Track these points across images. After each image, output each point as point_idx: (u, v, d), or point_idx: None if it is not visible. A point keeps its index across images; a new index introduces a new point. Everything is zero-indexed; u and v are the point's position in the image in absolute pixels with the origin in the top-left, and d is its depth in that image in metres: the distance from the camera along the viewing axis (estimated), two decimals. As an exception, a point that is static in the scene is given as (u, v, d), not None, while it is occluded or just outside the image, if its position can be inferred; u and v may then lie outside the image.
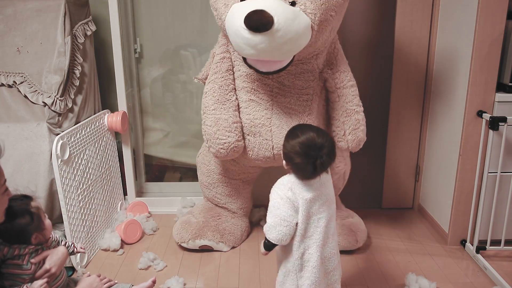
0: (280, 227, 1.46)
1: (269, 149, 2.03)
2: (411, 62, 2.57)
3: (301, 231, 1.49)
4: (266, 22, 1.56)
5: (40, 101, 2.08)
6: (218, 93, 2.01)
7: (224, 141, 1.96)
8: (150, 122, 2.87)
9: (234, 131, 1.98)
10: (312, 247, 1.51)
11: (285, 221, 1.46)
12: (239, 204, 2.41)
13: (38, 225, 1.41)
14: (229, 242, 2.34)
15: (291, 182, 1.49)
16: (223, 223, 2.36)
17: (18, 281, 1.35)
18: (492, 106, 2.15)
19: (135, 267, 2.16)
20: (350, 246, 2.25)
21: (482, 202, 2.19)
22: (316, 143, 1.43)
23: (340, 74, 2.00)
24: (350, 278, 2.08)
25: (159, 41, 2.71)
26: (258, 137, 2.02)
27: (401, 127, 2.68)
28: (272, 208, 1.49)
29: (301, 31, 1.69)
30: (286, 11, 1.63)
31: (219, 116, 1.99)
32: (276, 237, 1.47)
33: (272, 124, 2.00)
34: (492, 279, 2.06)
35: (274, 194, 1.50)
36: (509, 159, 2.17)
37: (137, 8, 2.66)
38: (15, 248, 1.36)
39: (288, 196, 1.46)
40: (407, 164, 2.75)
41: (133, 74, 2.74)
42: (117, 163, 2.68)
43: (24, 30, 2.15)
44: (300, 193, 1.47)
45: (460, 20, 2.23)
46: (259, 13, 1.57)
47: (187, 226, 2.30)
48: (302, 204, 1.46)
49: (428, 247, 2.37)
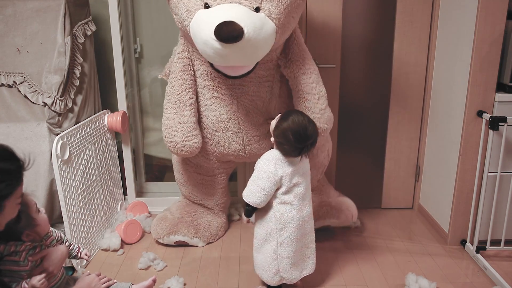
0: (259, 194, 1.75)
1: (239, 141, 2.11)
2: (411, 62, 2.57)
3: (281, 196, 1.78)
4: (237, 35, 1.61)
5: (40, 101, 2.08)
6: (171, 93, 2.07)
7: (170, 140, 2.04)
8: (150, 122, 2.87)
9: (180, 131, 2.02)
10: (292, 211, 1.79)
11: (264, 190, 1.75)
12: (215, 200, 2.44)
13: (28, 222, 1.38)
14: (204, 237, 2.36)
15: (275, 158, 1.77)
16: (198, 218, 2.39)
17: (16, 277, 1.35)
18: (492, 106, 2.15)
19: (135, 267, 2.16)
20: (347, 221, 2.36)
21: (482, 202, 2.19)
22: (306, 134, 1.71)
23: (292, 63, 2.01)
24: (350, 278, 2.08)
25: (159, 41, 2.71)
26: (226, 131, 2.09)
27: (401, 127, 2.68)
28: (256, 178, 1.77)
29: (268, 37, 1.75)
30: (253, 19, 1.67)
31: (168, 116, 2.06)
32: (255, 201, 1.76)
33: (240, 116, 2.07)
34: (492, 279, 2.06)
35: (259, 166, 1.79)
36: (509, 159, 2.17)
37: (137, 8, 2.66)
38: (11, 245, 1.35)
39: (270, 171, 1.75)
40: (407, 164, 2.75)
41: (133, 74, 2.74)
42: (117, 163, 2.68)
43: (24, 30, 2.15)
44: (282, 167, 1.76)
45: (460, 20, 2.23)
46: (229, 25, 1.60)
47: (162, 222, 2.35)
48: (284, 177, 1.75)
49: (428, 247, 2.37)
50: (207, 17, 1.70)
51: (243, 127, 2.09)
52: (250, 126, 2.11)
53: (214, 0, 1.73)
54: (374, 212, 2.76)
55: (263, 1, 1.73)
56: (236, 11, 1.66)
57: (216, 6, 1.72)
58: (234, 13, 1.65)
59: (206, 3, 1.74)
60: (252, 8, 1.71)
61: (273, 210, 1.81)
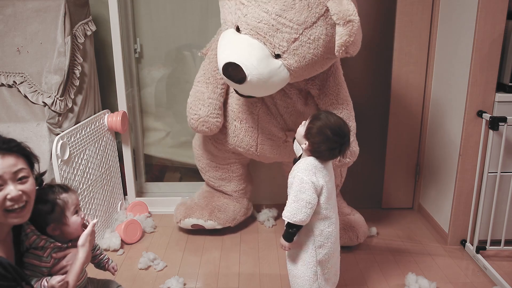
0: (305, 209, 1.55)
1: (254, 137, 2.10)
2: (411, 62, 2.57)
3: (322, 210, 1.61)
4: (238, 79, 1.65)
5: (40, 101, 2.08)
6: (207, 68, 2.09)
7: (195, 113, 2.05)
8: (150, 122, 2.87)
9: (207, 106, 2.04)
10: (331, 225, 1.65)
11: (310, 204, 1.56)
12: (233, 187, 2.46)
13: (59, 217, 1.39)
14: (219, 220, 2.38)
15: (313, 167, 1.58)
16: (214, 202, 2.43)
17: (37, 272, 1.35)
18: (492, 106, 2.15)
19: (135, 267, 2.16)
20: (350, 242, 2.27)
21: (482, 202, 2.19)
22: (343, 130, 1.57)
23: (325, 96, 2.00)
24: (350, 278, 2.08)
25: (159, 41, 2.71)
26: (244, 123, 2.09)
27: (401, 127, 2.68)
28: (298, 192, 1.56)
29: (277, 83, 1.74)
30: (261, 70, 1.64)
31: (198, 89, 2.07)
32: (302, 218, 1.56)
33: (260, 113, 2.06)
34: (492, 279, 2.06)
35: (298, 179, 1.57)
36: (509, 159, 2.17)
37: (137, 8, 2.66)
38: (42, 238, 1.36)
39: (312, 181, 1.56)
40: (407, 164, 2.75)
41: (133, 74, 2.74)
42: (117, 163, 2.68)
43: (24, 30, 2.15)
44: (323, 176, 1.59)
45: (460, 20, 2.23)
46: (235, 68, 1.63)
47: (181, 206, 2.45)
48: (324, 187, 1.59)
49: (428, 247, 2.37)
50: (225, 46, 1.72)
51: (260, 124, 2.08)
52: (267, 125, 2.10)
53: (244, 28, 1.69)
54: (374, 212, 2.76)
55: (286, 52, 1.67)
56: (249, 56, 1.64)
57: (243, 35, 1.69)
58: (246, 57, 1.64)
59: (238, 26, 1.73)
60: (272, 53, 1.67)
61: (311, 226, 1.63)
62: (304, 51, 1.67)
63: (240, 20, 1.70)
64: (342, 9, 1.56)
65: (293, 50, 1.66)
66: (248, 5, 1.68)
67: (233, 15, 1.74)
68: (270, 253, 2.31)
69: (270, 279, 2.08)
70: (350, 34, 1.58)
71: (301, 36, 1.65)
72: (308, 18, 1.63)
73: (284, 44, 1.65)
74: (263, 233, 2.52)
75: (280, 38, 1.64)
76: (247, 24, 1.68)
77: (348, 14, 1.56)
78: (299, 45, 1.66)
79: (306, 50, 1.67)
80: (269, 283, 2.05)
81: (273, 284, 2.05)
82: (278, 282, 2.06)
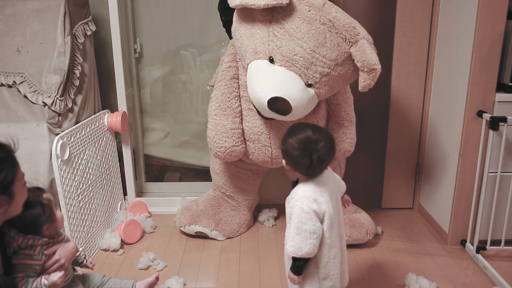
0: (310, 240, 1.43)
1: (268, 154, 2.15)
2: (411, 62, 2.57)
3: (326, 240, 1.48)
4: (285, 112, 1.81)
5: (40, 101, 2.08)
6: (220, 100, 2.13)
7: (221, 145, 2.10)
8: (150, 122, 2.87)
9: (231, 136, 2.10)
10: (337, 256, 1.53)
11: (315, 233, 1.43)
12: (246, 196, 2.49)
13: (50, 216, 1.44)
14: (224, 231, 2.41)
15: (311, 192, 1.46)
16: (220, 212, 2.44)
17: (30, 272, 1.37)
18: (492, 106, 2.15)
19: (135, 267, 2.16)
20: (361, 239, 2.30)
21: (482, 202, 2.19)
22: (312, 138, 1.43)
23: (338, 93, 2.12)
24: (350, 278, 2.07)
25: (159, 41, 2.71)
26: (257, 143, 2.14)
27: (401, 127, 2.67)
28: (299, 223, 1.43)
29: (309, 108, 1.93)
30: (303, 99, 1.82)
31: (218, 122, 2.11)
32: (309, 251, 1.44)
33: (271, 132, 2.10)
34: (492, 279, 2.06)
35: (297, 209, 1.44)
36: (509, 159, 2.17)
37: (137, 8, 2.66)
38: (29, 238, 1.38)
39: (314, 209, 1.44)
40: (407, 164, 2.75)
41: (133, 74, 2.74)
42: (117, 163, 2.68)
43: (24, 30, 2.15)
44: (325, 202, 1.46)
45: (460, 20, 2.23)
46: (283, 102, 1.78)
47: (186, 211, 2.44)
48: (327, 213, 1.46)
49: (428, 247, 2.37)
50: (265, 81, 1.82)
51: (273, 142, 2.12)
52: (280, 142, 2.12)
53: (279, 59, 1.81)
54: (374, 212, 2.76)
55: (318, 83, 1.83)
56: (291, 88, 1.79)
57: (279, 67, 1.82)
58: (289, 90, 1.79)
59: (272, 57, 1.83)
60: (306, 83, 1.83)
61: (315, 257, 1.50)
62: (334, 82, 1.87)
63: (274, 52, 1.82)
64: (366, 58, 1.74)
65: (325, 82, 1.84)
66: (282, 38, 1.79)
67: (266, 45, 1.83)
68: (270, 253, 2.31)
69: (270, 279, 2.09)
70: (373, 80, 1.78)
71: (332, 71, 1.82)
72: (339, 56, 1.79)
73: (317, 76, 1.82)
74: (263, 233, 2.52)
75: (313, 70, 1.80)
76: (282, 55, 1.80)
77: (372, 64, 1.74)
78: (330, 78, 1.84)
79: (336, 82, 1.87)
80: (269, 283, 2.05)
81: (273, 284, 2.05)
82: (278, 282, 2.06)
